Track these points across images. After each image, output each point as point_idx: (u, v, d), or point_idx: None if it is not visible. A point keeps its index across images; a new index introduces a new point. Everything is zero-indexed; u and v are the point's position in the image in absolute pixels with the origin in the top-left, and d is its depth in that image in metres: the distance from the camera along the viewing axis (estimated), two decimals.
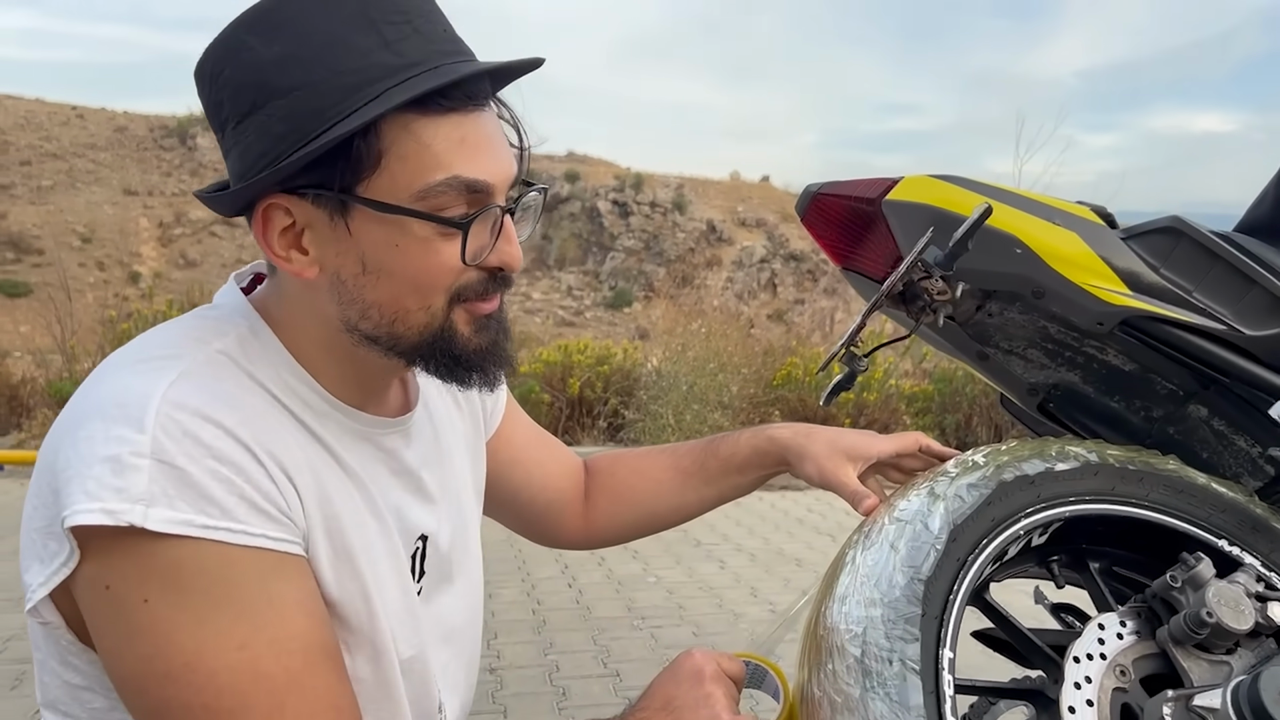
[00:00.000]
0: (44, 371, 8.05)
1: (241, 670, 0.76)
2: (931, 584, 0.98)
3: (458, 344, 0.89)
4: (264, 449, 0.81)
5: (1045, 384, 1.37)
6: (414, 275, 0.85)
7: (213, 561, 0.76)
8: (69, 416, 0.80)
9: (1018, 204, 1.24)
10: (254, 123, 0.82)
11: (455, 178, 0.83)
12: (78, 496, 0.74)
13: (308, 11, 0.81)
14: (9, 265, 44.51)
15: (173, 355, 0.83)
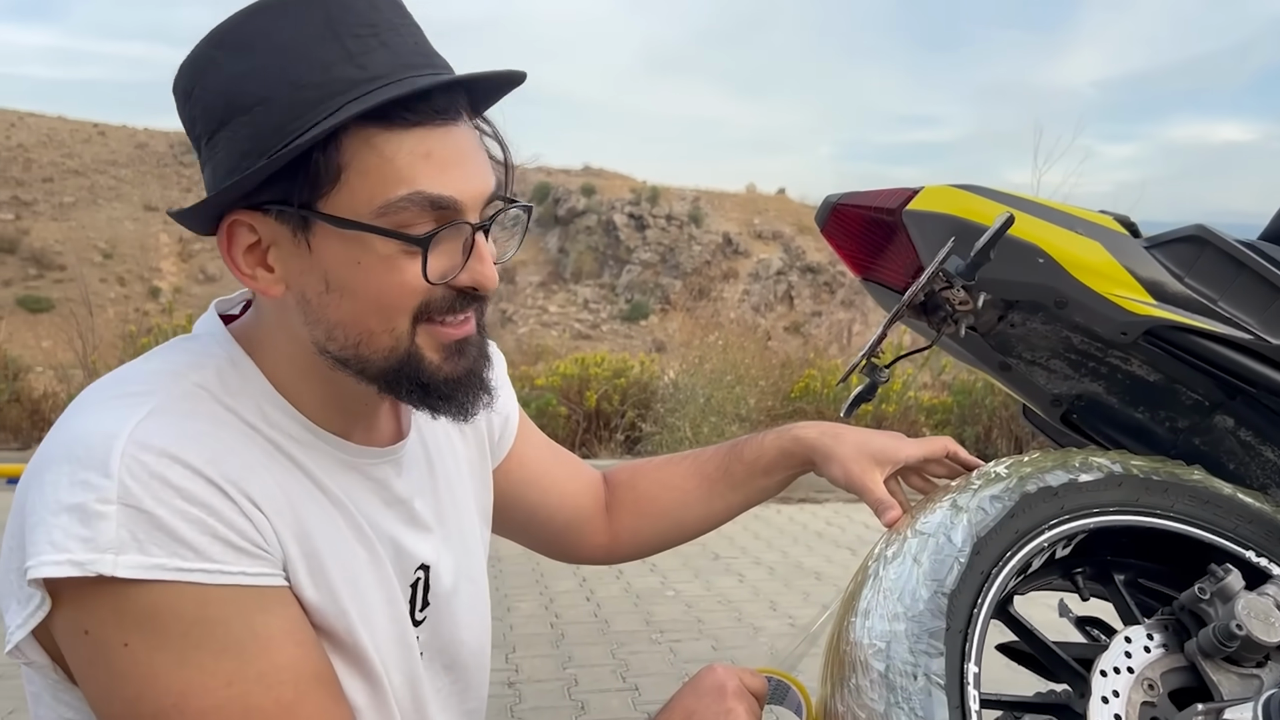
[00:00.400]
0: (65, 386, 8.11)
1: (231, 707, 0.75)
2: (955, 597, 0.97)
3: (425, 370, 0.86)
4: (233, 485, 0.79)
5: (1069, 395, 1.36)
6: (376, 295, 0.82)
7: (190, 603, 0.75)
8: (39, 458, 0.78)
9: (1040, 213, 1.23)
10: (222, 139, 0.81)
11: (418, 193, 0.80)
12: (43, 547, 0.72)
13: (274, 26, 0.79)
14: (32, 281, 44.95)
15: (146, 391, 0.81)
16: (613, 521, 1.32)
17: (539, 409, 7.15)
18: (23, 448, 7.32)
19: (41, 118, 62.61)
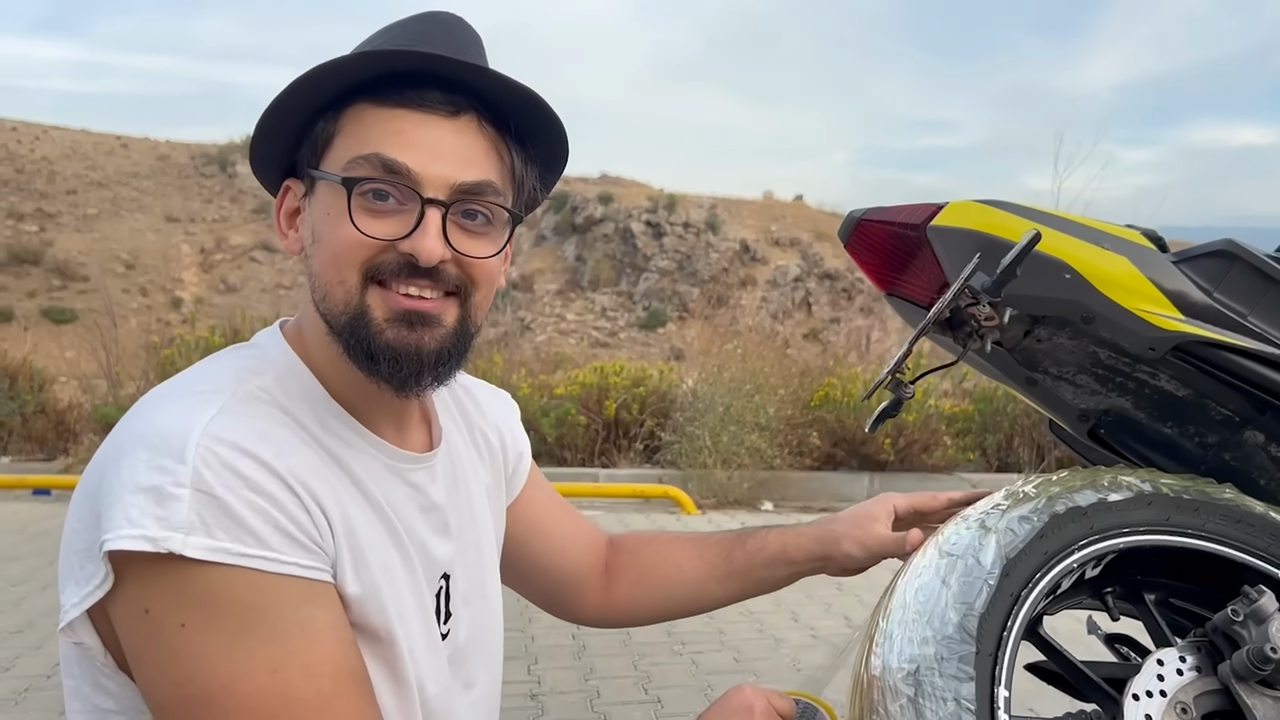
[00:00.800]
0: (89, 397, 8.18)
1: (274, 693, 0.79)
2: (985, 620, 0.96)
3: (370, 330, 0.90)
4: (298, 480, 0.84)
5: (1096, 410, 1.35)
6: (331, 243, 0.89)
7: (246, 588, 0.79)
8: (113, 446, 0.83)
9: (1066, 228, 1.22)
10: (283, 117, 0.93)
11: (375, 154, 0.87)
12: (119, 522, 0.77)
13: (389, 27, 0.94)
14: (55, 292, 45.37)
15: (214, 391, 0.87)
16: (611, 585, 1.32)
17: (558, 418, 7.15)
18: (48, 458, 7.38)
19: (65, 131, 63.27)
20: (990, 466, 7.43)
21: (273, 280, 48.94)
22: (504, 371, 7.77)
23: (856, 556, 1.24)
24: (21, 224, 50.32)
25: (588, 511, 6.30)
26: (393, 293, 0.90)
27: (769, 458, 6.76)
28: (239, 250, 52.02)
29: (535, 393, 7.35)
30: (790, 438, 6.97)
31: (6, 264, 46.65)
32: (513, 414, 1.25)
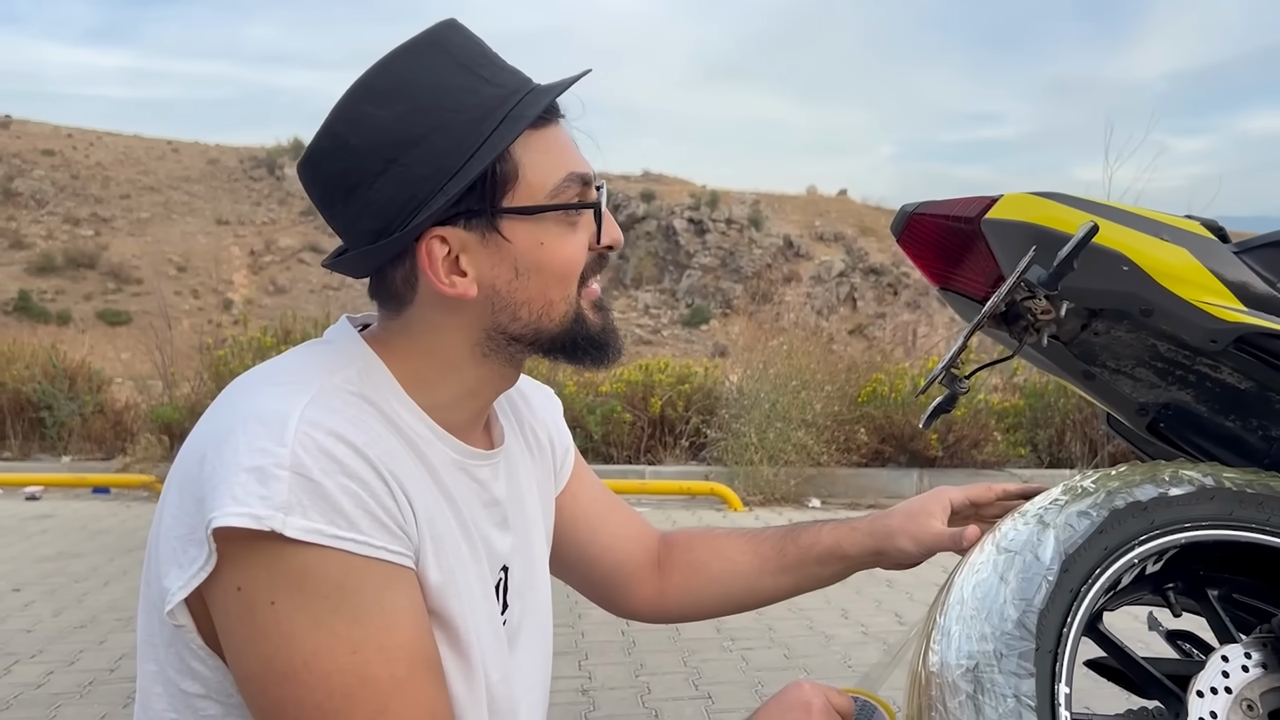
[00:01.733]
0: (146, 397, 8.35)
1: (352, 673, 0.82)
2: (1045, 616, 0.96)
3: (589, 327, 1.00)
4: (386, 468, 0.87)
5: (1155, 403, 1.33)
6: (558, 266, 0.96)
7: (335, 569, 0.82)
8: (212, 430, 0.87)
9: (1124, 220, 1.21)
10: (390, 177, 0.90)
11: (572, 173, 0.95)
12: (226, 500, 0.80)
13: (411, 72, 0.91)
14: (111, 295, 46.37)
15: (303, 381, 0.90)
16: (664, 578, 1.32)
17: (604, 415, 7.18)
18: (107, 458, 7.56)
19: (119, 136, 64.59)
20: (1041, 462, 7.33)
21: (320, 281, 49.53)
22: (550, 369, 7.81)
23: (911, 552, 1.23)
24: (78, 229, 51.46)
25: (634, 509, 6.31)
26: (588, 288, 1.00)
27: (816, 454, 6.73)
28: (287, 252, 52.74)
29: (581, 390, 7.38)
30: (837, 434, 6.94)
31: (64, 268, 47.74)
32: (557, 410, 1.27)
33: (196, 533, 0.83)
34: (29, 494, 6.79)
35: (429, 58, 0.92)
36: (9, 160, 55.25)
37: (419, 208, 0.90)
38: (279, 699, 0.82)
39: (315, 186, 0.95)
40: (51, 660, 3.33)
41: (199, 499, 0.83)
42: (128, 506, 6.45)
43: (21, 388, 7.80)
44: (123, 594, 4.15)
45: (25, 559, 4.88)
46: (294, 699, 0.82)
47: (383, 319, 1.01)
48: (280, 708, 0.83)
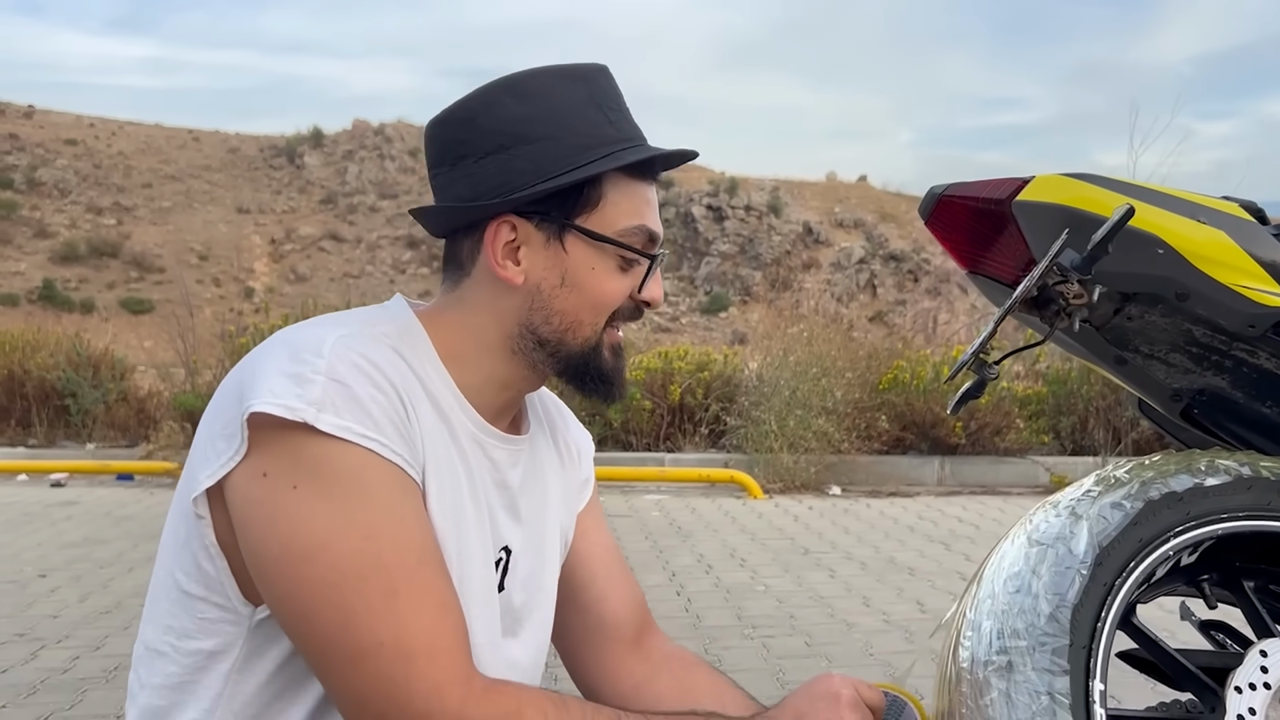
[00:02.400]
0: (168, 385, 8.40)
1: (366, 556, 0.88)
2: (1078, 611, 0.94)
3: (602, 361, 1.08)
4: (408, 397, 0.96)
5: (1190, 389, 1.31)
6: (596, 294, 1.05)
7: (356, 462, 0.90)
8: (255, 353, 0.97)
9: (1159, 202, 1.18)
10: (496, 159, 1.02)
11: (644, 226, 1.06)
12: (264, 394, 0.89)
13: (552, 88, 1.04)
14: (133, 283, 46.73)
15: (341, 323, 1.00)
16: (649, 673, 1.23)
17: (623, 403, 7.17)
18: (130, 445, 7.61)
19: (140, 126, 65.00)
20: (1064, 449, 7.27)
21: (341, 269, 49.77)
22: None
23: None
24: (100, 218, 51.86)
25: (653, 496, 6.31)
26: (614, 331, 1.09)
27: (836, 441, 6.70)
28: (308, 240, 52.98)
29: None
30: (858, 421, 6.90)
31: (87, 257, 48.15)
32: (589, 448, 1.32)
33: (231, 426, 0.91)
34: (54, 480, 6.85)
35: (572, 85, 1.05)
36: (32, 150, 55.70)
37: (507, 193, 1.02)
38: (296, 580, 0.88)
39: (434, 144, 1.07)
40: (78, 645, 3.36)
41: (238, 397, 0.92)
42: (151, 493, 6.51)
43: (46, 375, 7.87)
44: (148, 580, 4.15)
45: (51, 545, 4.92)
46: (310, 579, 0.88)
47: (441, 293, 1.11)
48: (297, 589, 0.88)
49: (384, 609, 0.87)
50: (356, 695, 0.88)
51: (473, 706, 0.88)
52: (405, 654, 0.87)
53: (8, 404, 7.95)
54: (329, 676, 0.90)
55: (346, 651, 0.87)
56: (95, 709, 2.79)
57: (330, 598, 0.87)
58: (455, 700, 0.87)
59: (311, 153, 60.46)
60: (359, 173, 57.73)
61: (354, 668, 0.87)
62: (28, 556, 4.68)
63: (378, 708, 0.87)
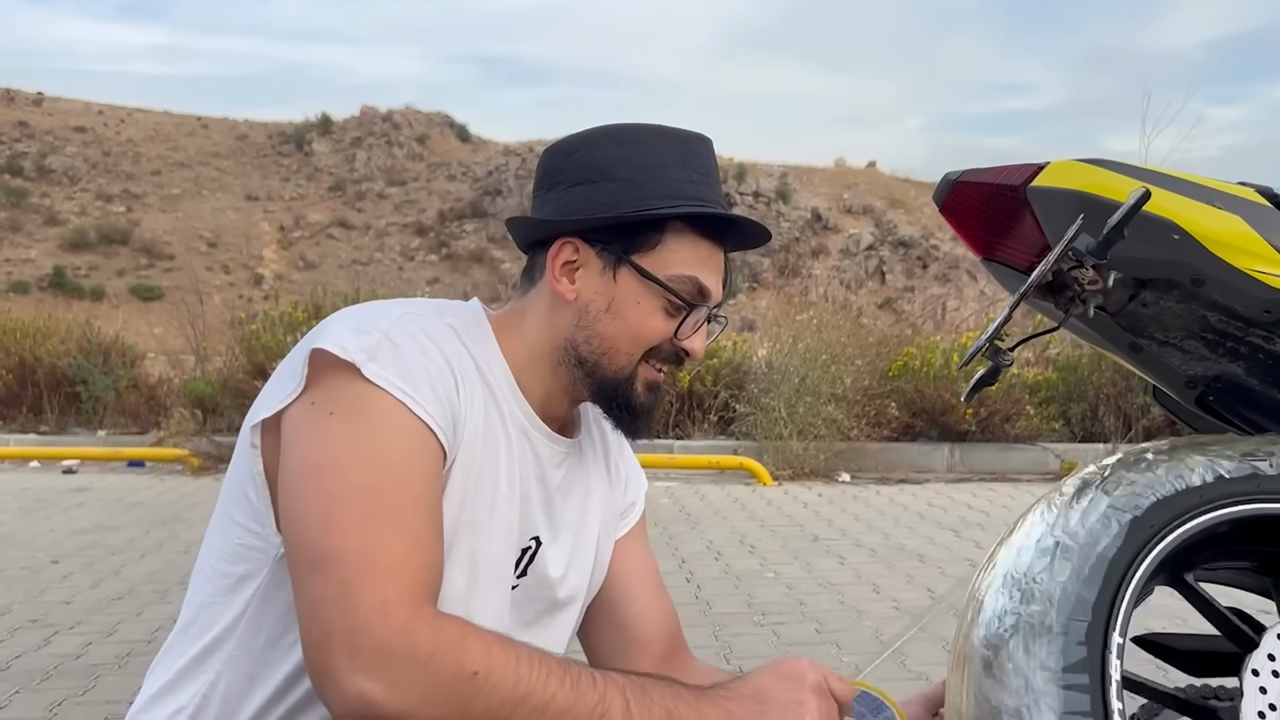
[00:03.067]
0: (178, 372, 8.44)
1: (366, 477, 0.95)
2: (1098, 594, 0.94)
3: (634, 395, 1.16)
4: (460, 375, 1.05)
5: (1205, 376, 1.30)
6: (635, 328, 1.13)
7: (387, 407, 0.99)
8: (333, 315, 1.07)
9: (1175, 187, 1.17)
10: (582, 190, 1.14)
11: (694, 278, 1.13)
12: (329, 337, 1.01)
13: (649, 141, 1.15)
14: (143, 270, 46.84)
15: (412, 304, 1.11)
16: None
17: None
18: (141, 431, 7.65)
19: (149, 113, 65.05)
20: (1075, 436, 7.25)
21: (350, 256, 49.79)
22: None
23: None
24: (110, 205, 51.97)
25: (663, 483, 6.32)
26: (651, 368, 1.16)
27: (846, 428, 6.69)
28: (316, 227, 53.00)
29: None
30: (868, 408, 6.89)
31: (97, 244, 48.25)
32: (639, 484, 1.39)
33: (297, 365, 1.02)
34: (66, 467, 6.89)
35: (668, 144, 1.16)
36: (41, 137, 55.82)
37: (580, 219, 1.12)
38: (301, 487, 0.97)
39: (540, 169, 1.19)
40: (90, 631, 3.38)
41: (309, 344, 1.02)
42: (162, 480, 6.53)
43: (57, 362, 7.90)
44: (159, 566, 4.20)
45: (63, 531, 4.95)
46: (312, 487, 0.96)
47: (513, 300, 1.21)
48: (300, 494, 0.96)
49: (362, 524, 0.93)
50: (313, 600, 0.91)
51: (417, 626, 0.89)
52: (366, 566, 0.91)
53: (19, 391, 8.00)
54: (297, 581, 0.95)
55: (316, 553, 0.93)
56: (108, 694, 2.80)
57: (321, 503, 0.94)
58: (399, 618, 0.89)
59: (320, 140, 60.47)
60: (367, 159, 57.73)
61: (317, 570, 0.92)
62: (40, 543, 4.71)
63: (325, 615, 0.90)
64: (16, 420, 7.95)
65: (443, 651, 0.88)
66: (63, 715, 2.65)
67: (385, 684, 0.87)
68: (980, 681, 0.93)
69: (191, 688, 1.05)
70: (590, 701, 0.91)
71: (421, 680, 0.87)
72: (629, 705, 0.91)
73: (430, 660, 0.87)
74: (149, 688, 1.09)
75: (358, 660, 0.87)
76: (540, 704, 0.89)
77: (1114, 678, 0.91)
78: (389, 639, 0.87)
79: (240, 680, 1.04)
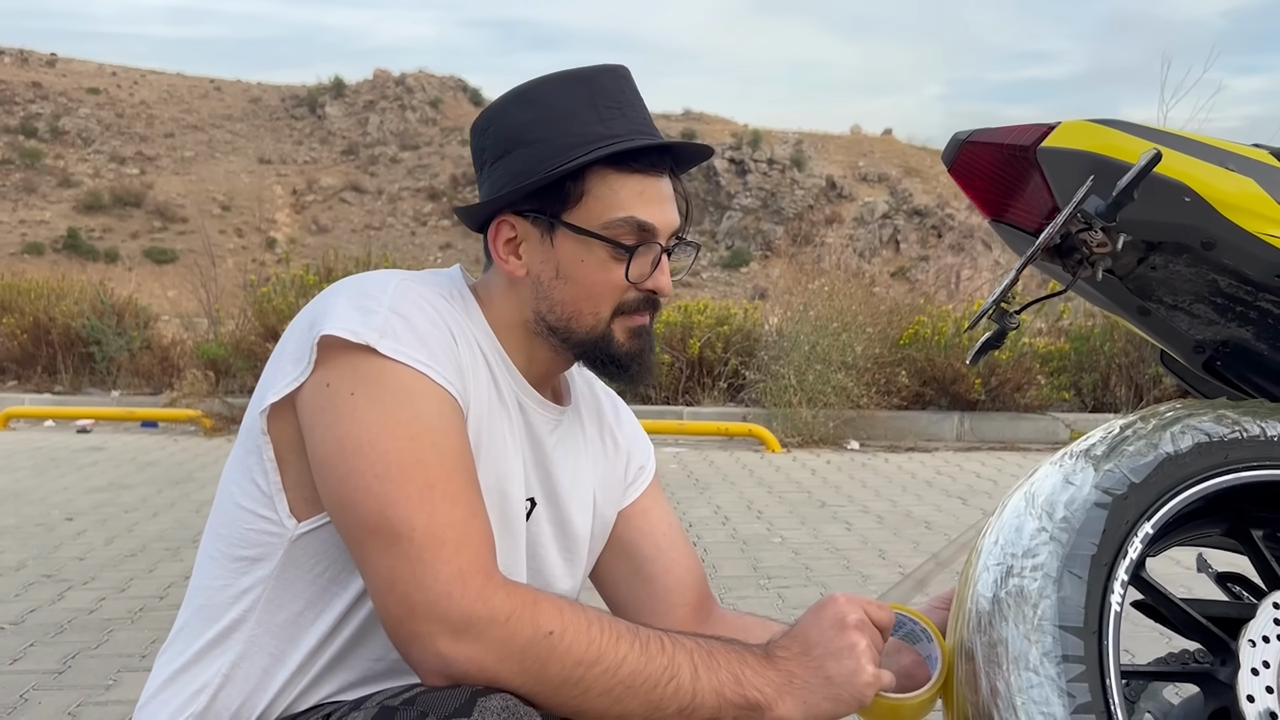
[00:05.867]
0: (191, 334, 8.47)
1: (407, 453, 0.97)
2: (1095, 559, 0.94)
3: (614, 347, 1.15)
4: (461, 338, 1.07)
5: (1213, 340, 1.29)
6: (590, 286, 1.12)
7: (408, 380, 1.00)
8: (327, 291, 1.07)
9: (1187, 148, 1.16)
10: (503, 163, 1.13)
11: (631, 217, 1.10)
12: (334, 320, 1.01)
13: (552, 92, 1.13)
14: (156, 233, 46.91)
15: (404, 273, 1.11)
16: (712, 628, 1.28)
17: None
18: (154, 392, 7.70)
19: (162, 75, 64.86)
20: (1085, 406, 7.22)
21: (363, 221, 49.76)
22: None
23: None
24: (123, 167, 51.97)
25: (672, 449, 6.33)
26: (629, 317, 1.14)
27: (855, 396, 6.68)
28: (329, 191, 52.93)
29: None
30: (878, 376, 6.87)
31: (111, 206, 48.34)
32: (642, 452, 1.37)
33: (301, 350, 1.02)
34: (80, 427, 6.94)
35: (573, 89, 1.12)
36: (55, 99, 55.75)
37: (505, 193, 1.11)
38: (345, 472, 0.97)
39: (471, 147, 1.18)
40: (103, 587, 3.43)
41: (309, 326, 1.03)
42: (175, 440, 6.58)
43: (71, 323, 7.94)
44: (171, 525, 4.24)
45: (77, 489, 5.00)
46: (357, 470, 0.96)
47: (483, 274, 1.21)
48: (346, 479, 0.97)
49: (420, 499, 0.95)
50: (387, 577, 0.94)
51: (492, 592, 0.93)
52: (435, 540, 0.94)
53: (34, 351, 8.04)
54: (365, 561, 0.97)
55: (383, 535, 0.94)
56: (122, 648, 2.84)
57: (373, 487, 0.96)
58: (476, 586, 0.93)
59: (333, 103, 60.22)
60: (380, 123, 57.53)
61: (388, 550, 0.94)
62: (55, 500, 4.75)
63: (403, 589, 0.93)
64: (32, 380, 8.00)
65: (519, 614, 0.92)
66: (76, 668, 2.69)
67: (469, 646, 0.91)
68: (977, 644, 0.94)
69: (212, 667, 1.06)
70: (660, 665, 0.94)
71: (501, 639, 0.92)
72: (696, 669, 0.95)
73: (508, 622, 0.92)
74: (164, 669, 1.09)
75: (443, 627, 0.92)
76: (612, 665, 0.93)
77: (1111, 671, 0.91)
78: (468, 605, 0.92)
79: (263, 657, 1.06)
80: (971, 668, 0.93)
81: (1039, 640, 0.89)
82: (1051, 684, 0.87)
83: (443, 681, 0.93)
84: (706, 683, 0.94)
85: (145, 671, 2.64)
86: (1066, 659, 0.88)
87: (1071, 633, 0.90)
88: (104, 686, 2.57)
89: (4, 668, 2.68)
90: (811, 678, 0.95)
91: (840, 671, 0.95)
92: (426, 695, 0.92)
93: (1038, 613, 0.91)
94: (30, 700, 2.47)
